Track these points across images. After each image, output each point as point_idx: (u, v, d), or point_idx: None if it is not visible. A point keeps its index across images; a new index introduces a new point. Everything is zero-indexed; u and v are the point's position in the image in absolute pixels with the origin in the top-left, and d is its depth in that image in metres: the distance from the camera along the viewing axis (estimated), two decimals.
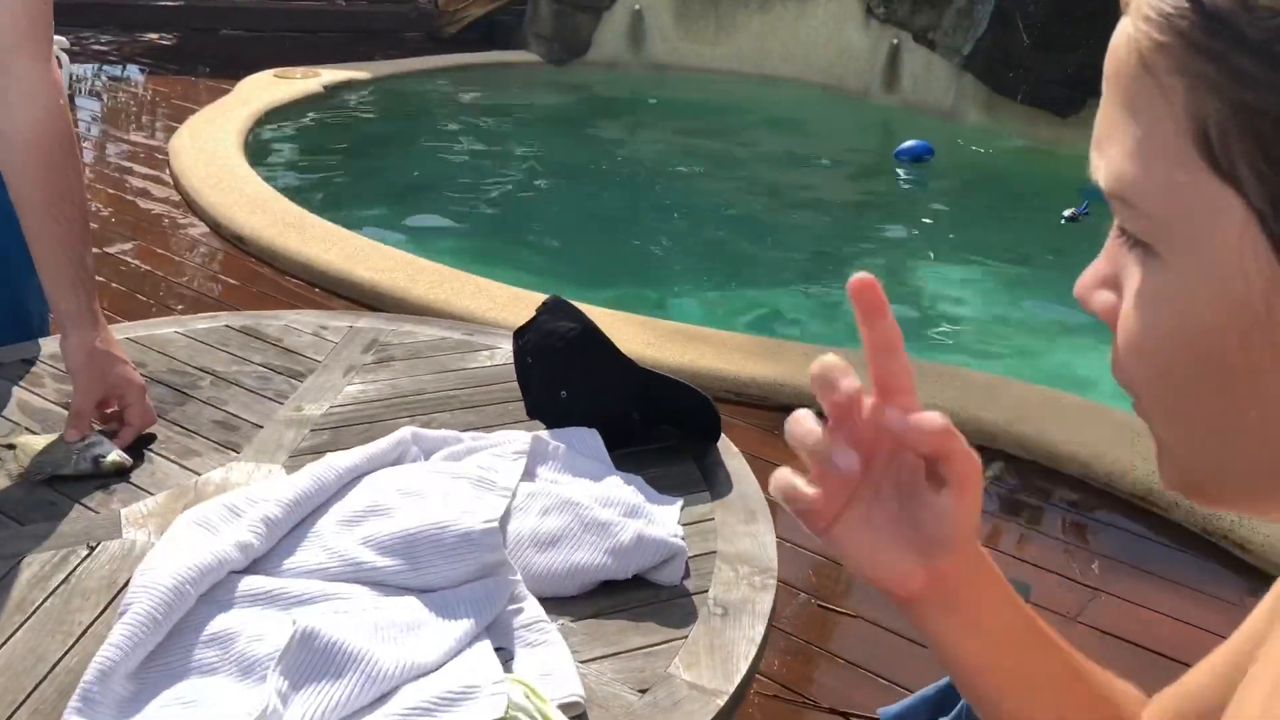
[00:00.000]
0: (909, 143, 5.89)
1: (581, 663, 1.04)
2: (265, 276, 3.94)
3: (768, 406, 3.07)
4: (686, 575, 1.17)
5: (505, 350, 1.58)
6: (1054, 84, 6.13)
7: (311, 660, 0.94)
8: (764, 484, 1.29)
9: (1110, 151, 0.37)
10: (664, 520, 1.22)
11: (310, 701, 0.92)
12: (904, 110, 6.81)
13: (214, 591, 1.03)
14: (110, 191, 4.87)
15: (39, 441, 1.31)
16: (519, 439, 1.29)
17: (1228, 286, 0.33)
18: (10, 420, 1.40)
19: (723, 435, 1.43)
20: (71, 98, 6.61)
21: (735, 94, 7.15)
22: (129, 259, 4.13)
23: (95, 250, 4.76)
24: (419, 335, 1.68)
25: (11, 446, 1.32)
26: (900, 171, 5.88)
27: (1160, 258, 0.35)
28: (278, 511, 1.11)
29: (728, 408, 3.10)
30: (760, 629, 1.11)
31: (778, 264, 4.78)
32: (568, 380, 1.37)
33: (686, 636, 1.09)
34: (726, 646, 1.08)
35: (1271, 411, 0.34)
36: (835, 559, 2.36)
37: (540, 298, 1.47)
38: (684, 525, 1.25)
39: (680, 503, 1.27)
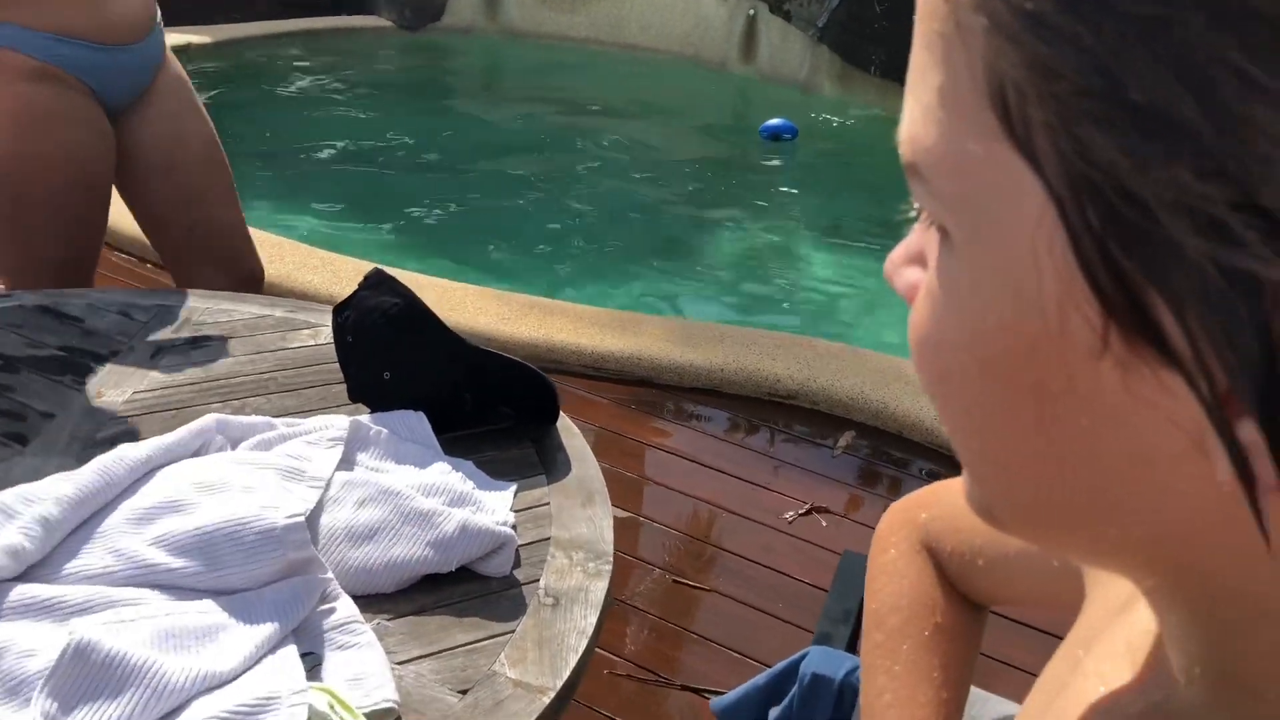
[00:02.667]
0: (774, 120, 5.90)
1: (398, 664, 0.97)
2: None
3: (624, 381, 3.02)
4: (517, 565, 1.11)
5: (329, 329, 1.49)
6: (908, 55, 6.21)
7: (87, 676, 0.85)
8: (614, 461, 1.24)
9: (908, 108, 0.30)
10: (494, 507, 1.15)
11: None
12: (761, 82, 6.83)
13: None
14: None
15: None
16: (336, 424, 1.20)
17: (1018, 287, 0.27)
18: None
19: (562, 415, 1.37)
20: None
21: (592, 63, 7.06)
22: None
23: None
24: (236, 313, 1.57)
25: None
26: (759, 145, 5.89)
27: (952, 243, 0.29)
28: (56, 511, 1.00)
29: (584, 383, 3.05)
30: (593, 618, 1.05)
31: (634, 236, 4.73)
32: (391, 360, 1.28)
33: (514, 630, 1.03)
34: (556, 639, 1.02)
35: (1059, 443, 0.28)
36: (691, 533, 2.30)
37: (391, 272, 1.38)
38: (517, 511, 1.19)
39: (513, 488, 1.21)
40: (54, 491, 1.02)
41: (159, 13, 1.94)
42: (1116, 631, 0.39)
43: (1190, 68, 0.22)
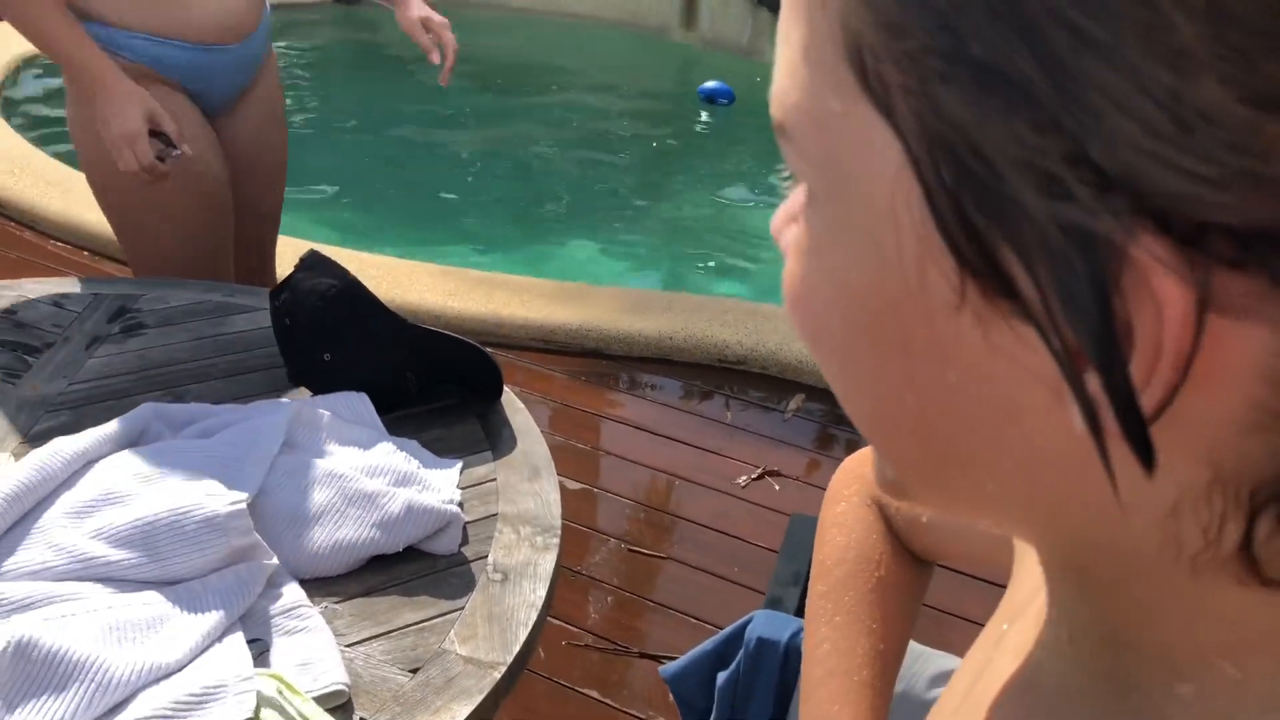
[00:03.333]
0: (711, 83, 5.89)
1: (347, 646, 0.97)
2: (27, 241, 3.63)
3: (573, 352, 3.02)
4: (465, 542, 1.11)
5: (268, 313, 1.47)
6: None
7: (28, 674, 0.84)
8: (568, 433, 1.25)
9: (776, 65, 0.29)
10: (440, 486, 1.15)
11: None
12: (702, 48, 6.81)
13: None
14: None
15: None
16: (278, 408, 1.19)
17: (879, 244, 0.26)
18: None
19: (507, 390, 1.36)
20: None
21: (531, 32, 7.00)
22: None
23: None
24: (173, 299, 1.55)
25: None
26: (701, 111, 5.88)
27: (817, 201, 0.28)
28: None
29: (535, 356, 3.04)
30: (542, 592, 1.06)
31: (578, 207, 4.71)
32: (331, 342, 1.27)
33: (463, 608, 1.03)
34: (506, 614, 1.03)
35: (930, 400, 0.28)
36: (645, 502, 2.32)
37: (333, 252, 1.36)
38: (464, 488, 1.19)
39: (459, 465, 1.21)
40: None
41: (267, 14, 1.87)
42: (1037, 603, 0.40)
43: (1025, 22, 0.22)
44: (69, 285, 1.59)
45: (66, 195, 3.75)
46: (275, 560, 1.01)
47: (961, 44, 0.23)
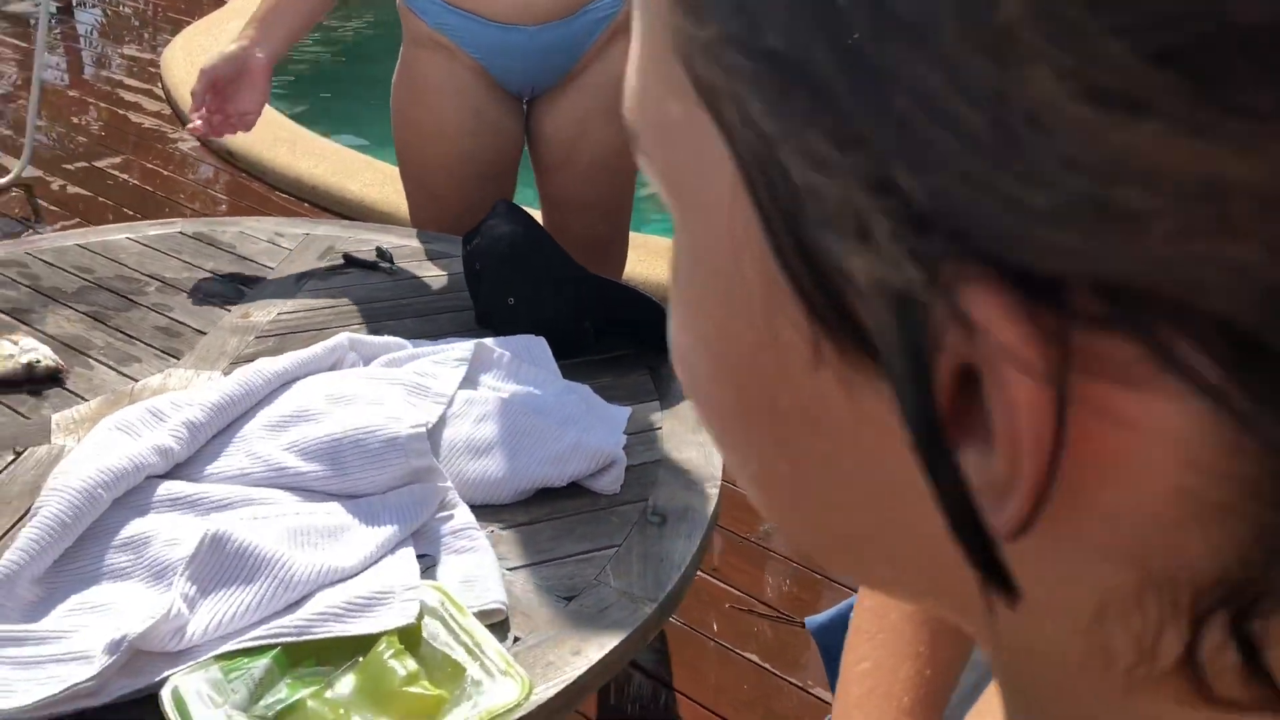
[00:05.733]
0: None
1: (509, 570, 1.01)
2: (255, 191, 3.89)
3: None
4: (626, 484, 1.14)
5: (460, 258, 1.54)
6: None
7: (222, 564, 0.92)
8: None
9: (630, 54, 0.24)
10: (607, 428, 1.18)
11: (218, 606, 0.89)
12: None
13: (130, 496, 1.00)
14: (104, 105, 4.80)
15: None
16: (462, 346, 1.25)
17: (727, 284, 0.21)
18: None
19: None
20: (71, 6, 6.50)
21: None
22: (118, 173, 4.08)
23: (86, 165, 4.65)
24: (376, 242, 1.64)
25: None
26: None
27: (676, 229, 0.23)
28: (201, 416, 1.08)
29: None
30: (698, 538, 1.08)
31: None
32: (515, 287, 1.32)
33: (620, 545, 1.06)
34: (660, 555, 1.05)
35: (804, 469, 0.22)
36: None
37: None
38: (630, 434, 1.21)
39: (628, 411, 1.24)
40: (200, 399, 1.10)
41: (603, 2, 1.71)
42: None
43: (822, 1, 0.17)
44: (284, 225, 1.71)
45: (293, 149, 4.00)
46: (449, 484, 1.06)
47: (757, 32, 0.18)
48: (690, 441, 1.22)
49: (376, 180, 3.74)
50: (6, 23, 5.98)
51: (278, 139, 4.07)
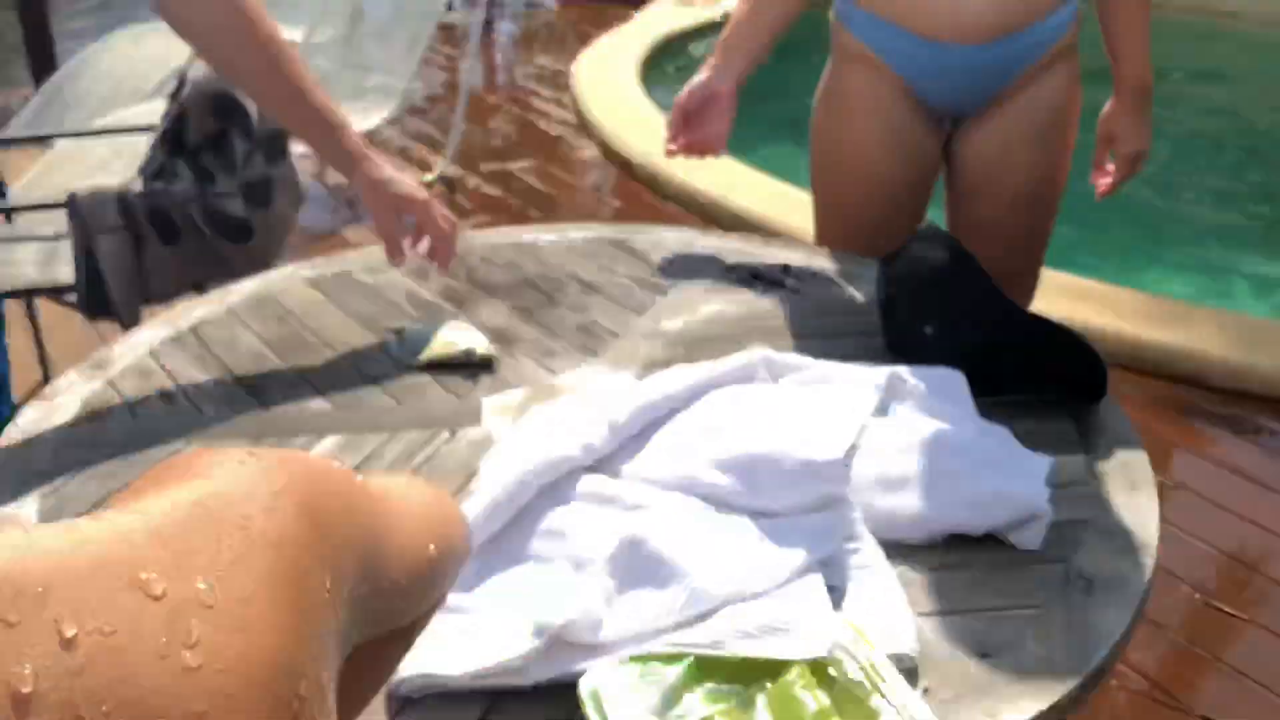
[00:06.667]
0: None
1: (918, 615, 0.96)
2: (646, 201, 4.05)
3: (1163, 376, 2.76)
4: (1047, 541, 1.05)
5: (869, 278, 1.50)
6: None
7: (634, 567, 0.93)
8: (1153, 457, 1.16)
9: None
10: (1029, 478, 1.10)
11: (633, 607, 0.91)
12: None
13: (555, 486, 1.04)
14: (516, 111, 5.19)
15: (422, 330, 1.40)
16: (875, 373, 1.21)
17: None
18: (402, 309, 1.50)
19: (1108, 395, 1.27)
20: (490, 23, 7.09)
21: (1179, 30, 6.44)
22: (525, 176, 4.38)
23: (498, 165, 5.03)
24: (784, 259, 1.63)
25: (399, 333, 1.42)
26: None
27: None
28: (623, 416, 1.10)
29: (1115, 372, 2.83)
30: (1129, 612, 0.97)
31: (1197, 219, 4.28)
32: (933, 316, 1.27)
33: (1040, 606, 0.98)
34: (1087, 625, 0.96)
35: None
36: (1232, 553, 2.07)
37: None
38: (1052, 487, 1.12)
39: (1050, 461, 1.14)
40: (622, 399, 1.13)
41: (1055, 21, 1.60)
42: None
43: None
44: (696, 236, 1.74)
45: (686, 163, 4.12)
46: (859, 515, 1.02)
47: None
48: (1122, 504, 1.11)
49: (761, 195, 3.78)
50: (439, 31, 6.62)
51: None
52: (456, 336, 1.36)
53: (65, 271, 2.52)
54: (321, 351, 1.39)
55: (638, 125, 4.52)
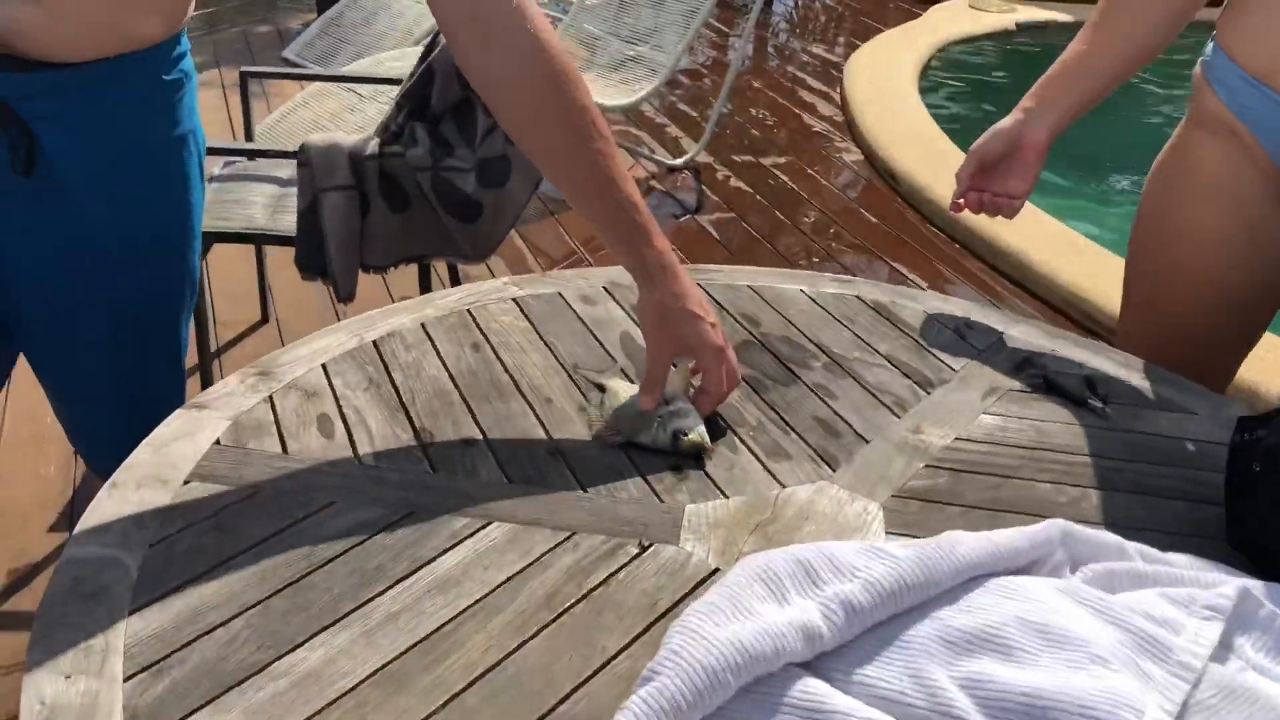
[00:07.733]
0: None
1: None
2: (909, 222, 3.69)
3: None
4: None
5: (1213, 427, 1.15)
6: None
7: None
8: None
9: None
10: None
11: None
12: None
13: (761, 685, 0.77)
14: (780, 101, 4.89)
15: (626, 392, 1.16)
16: (1219, 582, 0.88)
17: None
18: (611, 355, 1.26)
19: None
20: (770, 2, 6.80)
21: None
22: (777, 172, 4.09)
23: (751, 158, 4.81)
24: (1084, 367, 1.30)
25: (602, 388, 1.18)
26: None
27: None
28: (865, 598, 0.82)
29: None
30: None
31: None
32: None
33: None
34: None
35: None
36: None
37: None
38: None
39: None
40: (866, 569, 0.84)
41: None
42: None
43: None
44: (976, 310, 1.43)
45: None
46: None
47: None
48: None
49: (1072, 255, 3.33)
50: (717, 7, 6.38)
51: (946, 168, 3.82)
52: (661, 412, 1.11)
53: (291, 220, 2.44)
54: (510, 400, 1.17)
55: (907, 134, 4.14)
